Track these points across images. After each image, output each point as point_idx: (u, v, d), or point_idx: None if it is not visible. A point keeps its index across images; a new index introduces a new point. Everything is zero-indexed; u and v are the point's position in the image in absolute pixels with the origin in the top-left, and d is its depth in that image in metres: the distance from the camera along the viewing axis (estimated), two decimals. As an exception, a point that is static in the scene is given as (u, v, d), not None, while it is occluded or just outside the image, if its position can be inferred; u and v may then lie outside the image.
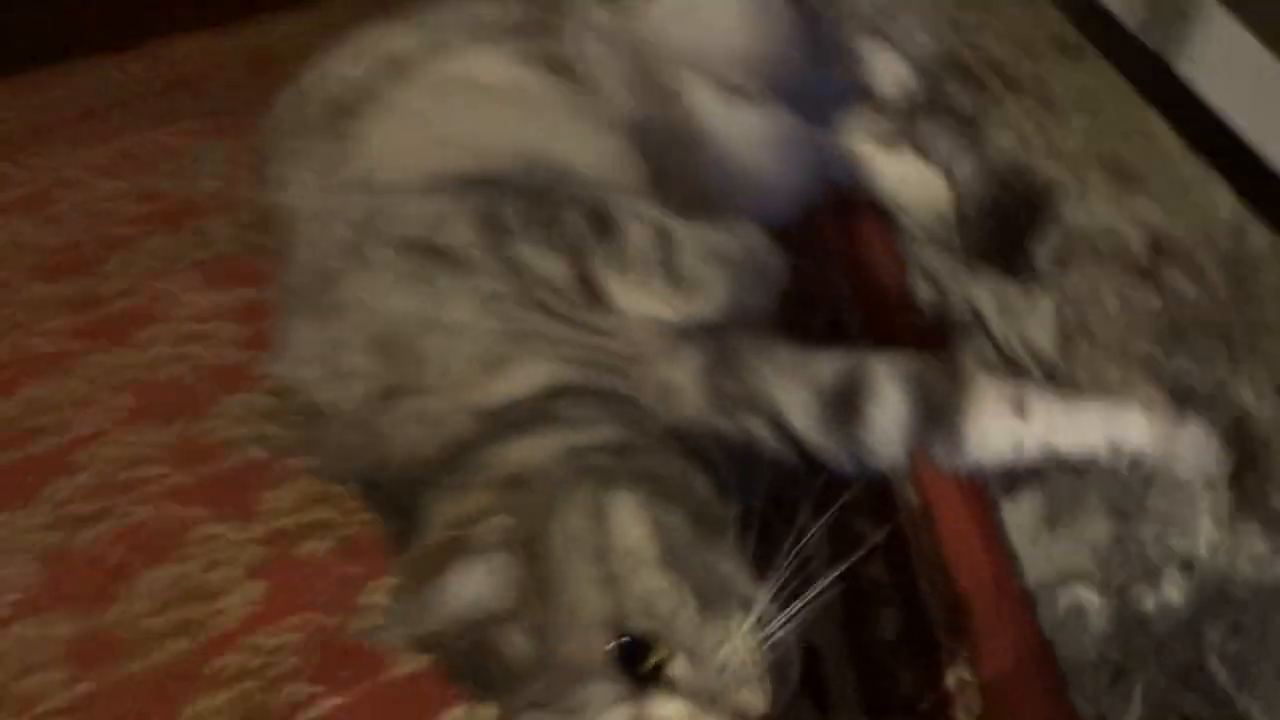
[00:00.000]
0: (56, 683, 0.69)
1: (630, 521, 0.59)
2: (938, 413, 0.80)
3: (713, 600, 0.57)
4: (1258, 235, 1.16)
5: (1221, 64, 1.53)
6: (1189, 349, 1.00)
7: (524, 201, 0.75)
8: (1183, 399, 0.93)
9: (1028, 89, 1.44)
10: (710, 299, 0.74)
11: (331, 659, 0.71)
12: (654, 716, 0.56)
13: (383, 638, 0.62)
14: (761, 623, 0.57)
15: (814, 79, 1.27)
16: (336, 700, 0.68)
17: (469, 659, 0.62)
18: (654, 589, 0.57)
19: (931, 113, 1.24)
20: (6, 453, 0.84)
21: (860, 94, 1.32)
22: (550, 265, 0.73)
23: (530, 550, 0.59)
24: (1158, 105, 1.39)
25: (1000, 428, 0.81)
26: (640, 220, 0.75)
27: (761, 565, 0.60)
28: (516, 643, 0.59)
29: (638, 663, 0.57)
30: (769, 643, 0.57)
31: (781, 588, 0.59)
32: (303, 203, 0.85)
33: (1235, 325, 1.03)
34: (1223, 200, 1.21)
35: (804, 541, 0.60)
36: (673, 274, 0.74)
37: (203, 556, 0.77)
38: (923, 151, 1.19)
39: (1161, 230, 1.16)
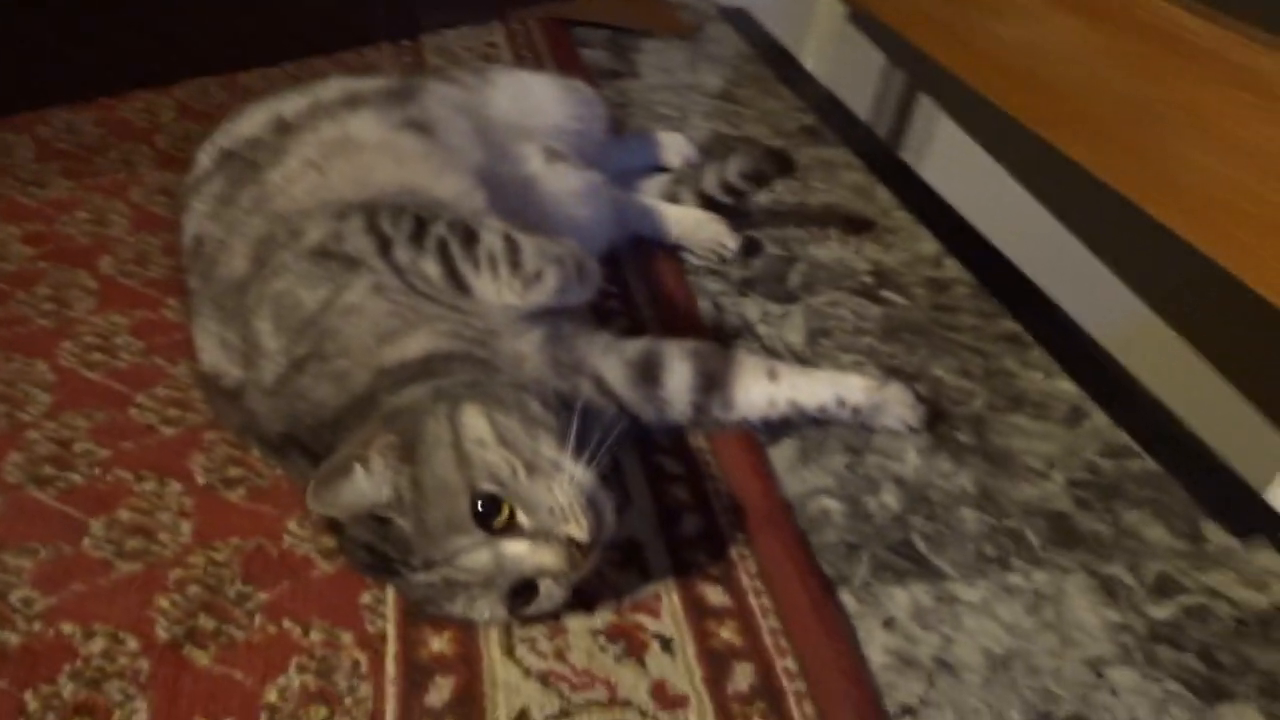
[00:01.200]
0: (38, 595, 0.84)
1: (475, 420, 0.82)
2: (712, 378, 1.09)
3: (537, 468, 0.80)
4: (951, 265, 1.53)
5: (933, 147, 1.96)
6: (899, 342, 1.33)
7: (399, 217, 0.98)
8: (893, 375, 1.26)
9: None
10: (545, 290, 0.99)
11: (259, 568, 0.89)
12: (506, 553, 0.78)
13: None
14: (575, 481, 0.81)
15: (614, 150, 1.58)
16: (268, 595, 0.87)
17: (370, 551, 0.83)
18: (494, 461, 0.79)
19: (699, 171, 1.56)
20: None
21: (649, 163, 1.64)
22: (424, 265, 0.97)
23: (407, 455, 0.80)
24: (877, 173, 1.79)
25: (758, 389, 1.10)
26: (493, 231, 1.00)
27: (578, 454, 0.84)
28: (403, 524, 0.80)
29: (491, 520, 0.79)
30: (581, 492, 0.80)
31: (588, 462, 0.83)
32: (212, 232, 1.05)
33: (933, 326, 1.38)
34: (926, 241, 1.59)
35: (608, 437, 0.85)
36: (518, 270, 0.98)
37: (138, 506, 0.94)
38: (700, 202, 1.50)
39: (881, 262, 1.52)
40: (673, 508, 1.01)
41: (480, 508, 0.78)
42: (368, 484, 0.80)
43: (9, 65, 1.70)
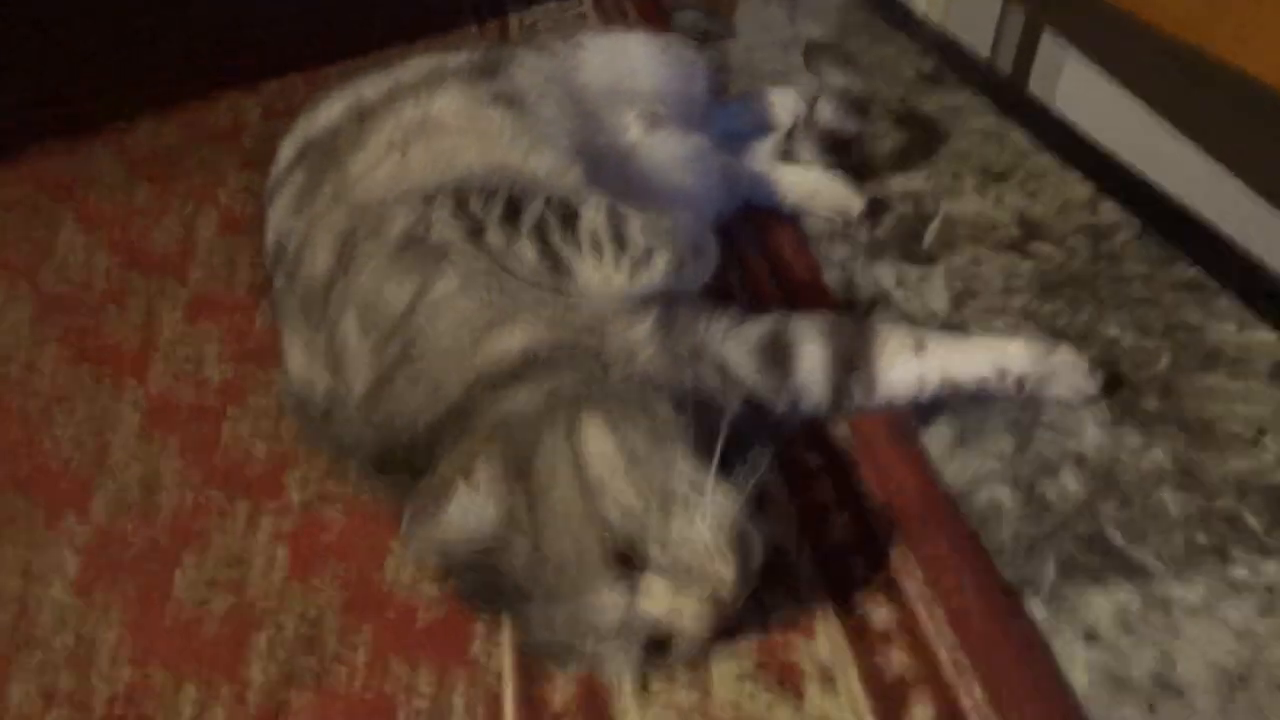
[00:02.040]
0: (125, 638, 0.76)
1: (599, 435, 0.70)
2: (850, 358, 0.95)
3: (674, 496, 0.67)
4: (1109, 209, 1.35)
5: (1064, 85, 1.76)
6: (1059, 299, 1.16)
7: (491, 199, 0.87)
8: (1058, 338, 1.09)
9: (898, 110, 1.64)
10: (657, 270, 0.87)
11: (361, 599, 0.79)
12: (641, 600, 0.66)
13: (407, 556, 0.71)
14: (718, 511, 0.67)
15: (719, 114, 1.44)
16: (371, 628, 0.77)
17: (483, 583, 0.72)
18: (625, 490, 0.67)
19: (821, 137, 1.41)
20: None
21: (758, 126, 1.50)
22: (520, 249, 0.86)
23: (520, 473, 0.69)
24: (1009, 116, 1.60)
25: (904, 366, 0.96)
26: (595, 207, 0.88)
27: (721, 474, 0.70)
28: (520, 554, 0.68)
29: (623, 560, 0.66)
30: (727, 526, 0.67)
31: (734, 486, 0.70)
32: (295, 228, 0.96)
33: (1098, 278, 1.20)
34: (1076, 185, 1.41)
35: (750, 452, 0.72)
36: (625, 248, 0.87)
37: (232, 531, 0.85)
38: (821, 149, 1.35)
39: (1027, 212, 1.34)
40: (817, 508, 0.88)
41: (611, 547, 0.66)
42: (474, 505, 0.69)
43: (91, 78, 1.66)
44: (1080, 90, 1.81)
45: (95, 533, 0.86)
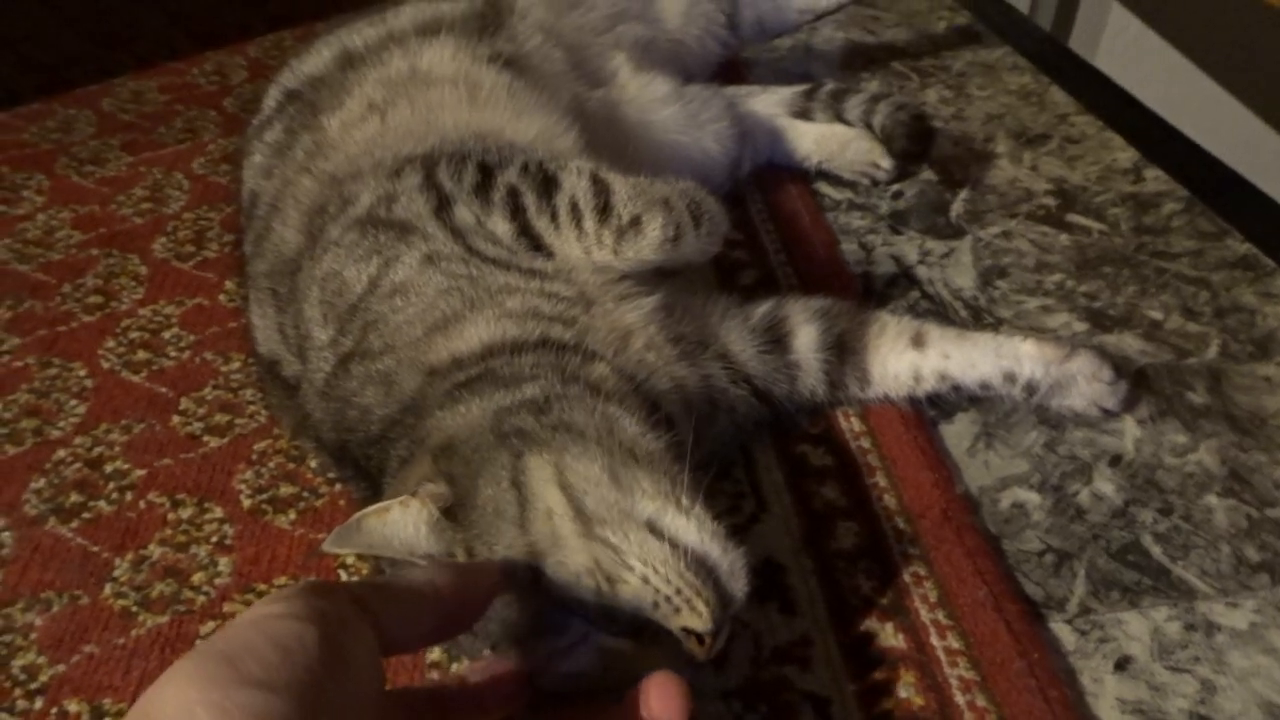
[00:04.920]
0: (45, 662, 0.69)
1: (544, 485, 0.59)
2: (844, 344, 0.87)
3: (628, 548, 0.56)
4: (1154, 176, 1.24)
5: (1112, 40, 1.64)
6: (1098, 278, 1.06)
7: (460, 167, 0.78)
8: (1096, 321, 1.00)
9: (929, 69, 1.53)
10: (648, 241, 0.78)
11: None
12: (608, 652, 0.57)
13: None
14: (682, 548, 0.57)
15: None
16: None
17: None
18: (570, 553, 0.56)
19: (843, 92, 1.31)
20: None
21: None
22: (492, 223, 0.77)
23: (461, 515, 0.59)
24: (1049, 73, 1.49)
25: (899, 359, 0.87)
26: (576, 173, 0.79)
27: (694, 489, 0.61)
28: None
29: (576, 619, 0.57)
30: (695, 563, 0.57)
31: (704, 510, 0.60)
32: (266, 190, 0.88)
33: (1140, 255, 1.10)
34: (1119, 150, 1.30)
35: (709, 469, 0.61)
36: (608, 218, 0.77)
37: (174, 539, 0.78)
38: (838, 119, 1.26)
39: (1065, 179, 1.24)
40: (822, 514, 0.80)
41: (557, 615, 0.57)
42: (406, 535, 0.59)
43: (77, 36, 1.58)
44: (1125, 46, 1.68)
45: (22, 538, 0.78)
